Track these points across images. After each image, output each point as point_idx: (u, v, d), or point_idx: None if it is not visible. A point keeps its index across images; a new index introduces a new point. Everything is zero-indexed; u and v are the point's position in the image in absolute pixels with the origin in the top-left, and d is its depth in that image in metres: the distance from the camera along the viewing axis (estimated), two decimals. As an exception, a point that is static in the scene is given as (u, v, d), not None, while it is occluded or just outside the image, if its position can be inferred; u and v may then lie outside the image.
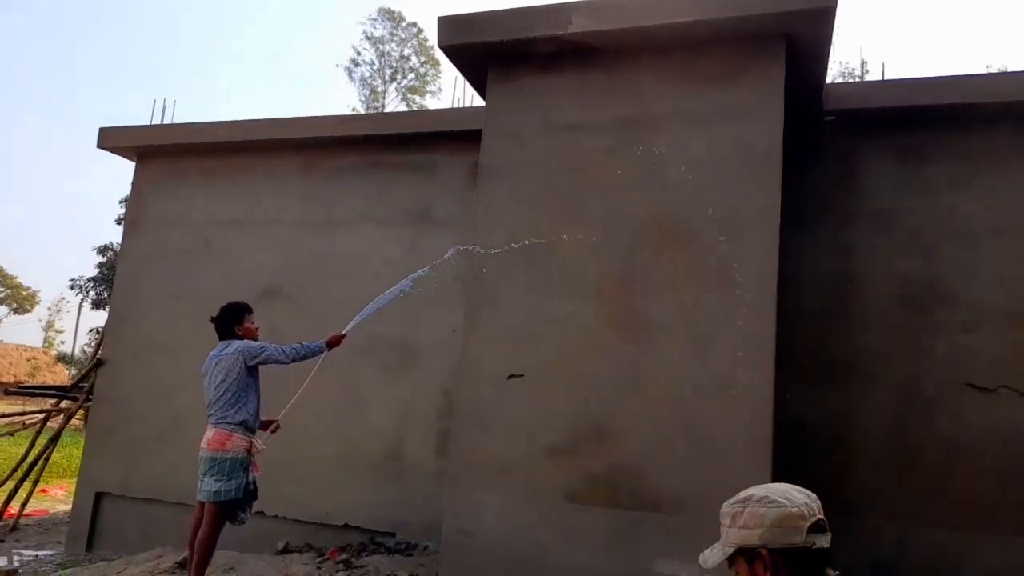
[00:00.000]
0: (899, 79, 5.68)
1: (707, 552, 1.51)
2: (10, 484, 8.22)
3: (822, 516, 1.46)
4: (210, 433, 4.54)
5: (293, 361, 4.61)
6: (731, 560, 1.47)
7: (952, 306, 5.25)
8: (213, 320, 4.75)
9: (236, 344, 4.58)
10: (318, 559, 5.64)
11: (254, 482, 4.52)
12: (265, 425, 4.78)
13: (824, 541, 1.44)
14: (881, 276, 5.43)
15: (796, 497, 1.45)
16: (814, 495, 1.48)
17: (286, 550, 6.08)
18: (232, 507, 4.49)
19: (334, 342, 4.92)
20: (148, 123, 8.20)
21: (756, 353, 4.45)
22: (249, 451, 4.50)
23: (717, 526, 1.56)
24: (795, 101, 4.98)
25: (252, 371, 4.62)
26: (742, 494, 1.49)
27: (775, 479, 4.40)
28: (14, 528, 8.26)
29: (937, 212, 5.39)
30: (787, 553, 1.41)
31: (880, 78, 5.96)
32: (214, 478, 4.42)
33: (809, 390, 5.41)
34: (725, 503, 1.51)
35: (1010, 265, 5.21)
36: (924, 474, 5.13)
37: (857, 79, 19.47)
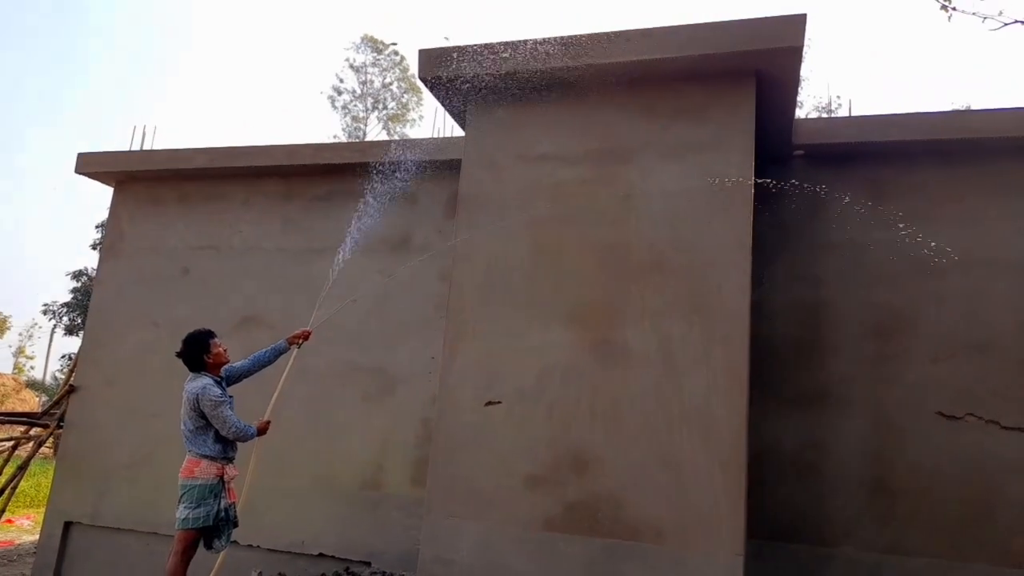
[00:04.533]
0: (865, 116, 5.87)
1: None
2: (-24, 514, 8.02)
3: None
4: (184, 461, 4.51)
5: (235, 439, 4.58)
6: None
7: (919, 336, 5.39)
8: (179, 355, 4.66)
9: (198, 383, 4.50)
10: (292, 590, 5.57)
11: (227, 509, 4.47)
12: (261, 429, 4.74)
13: None
14: (851, 306, 5.55)
15: None
16: None
17: (260, 581, 6.01)
18: (206, 535, 4.44)
19: (294, 340, 5.01)
20: (128, 149, 8.19)
21: (730, 382, 4.53)
22: (221, 478, 4.46)
23: (692, 552, 1.60)
24: (765, 135, 5.13)
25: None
26: None
27: (749, 509, 4.46)
28: (-22, 560, 8.06)
29: (903, 244, 5.54)
30: None
31: (848, 114, 6.15)
32: (183, 504, 4.38)
33: (782, 418, 5.49)
34: None
35: (974, 296, 5.36)
36: (897, 502, 5.22)
37: (826, 115, 19.97)
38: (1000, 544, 5.00)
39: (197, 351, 4.60)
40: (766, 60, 4.77)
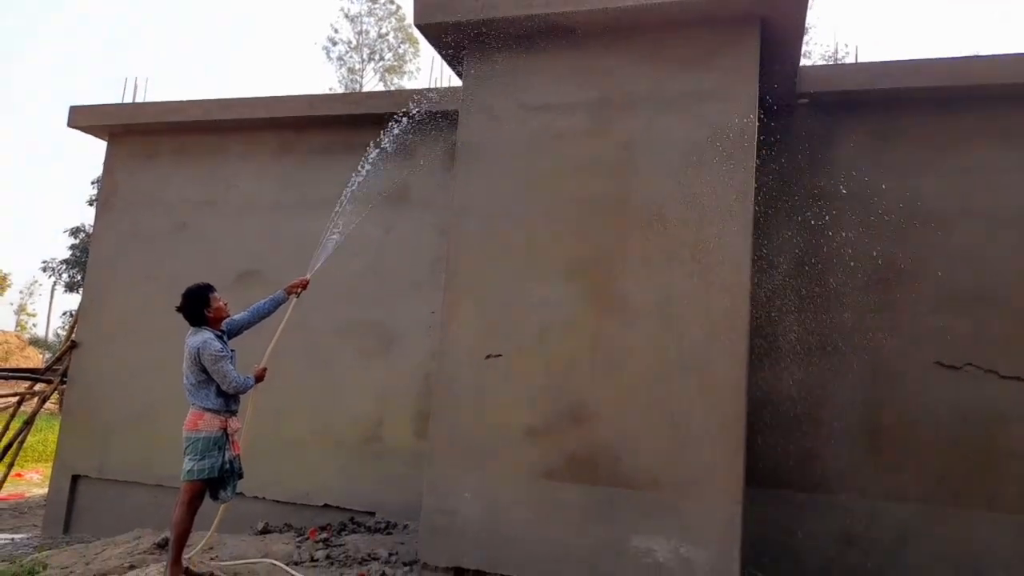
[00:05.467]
0: (871, 62, 5.74)
1: None
2: (-16, 468, 8.14)
3: None
4: (187, 414, 4.54)
5: (235, 393, 4.58)
6: None
7: (921, 286, 5.38)
8: (179, 310, 4.64)
9: (198, 337, 4.49)
10: (298, 538, 5.68)
11: (232, 461, 4.52)
12: (258, 376, 4.77)
13: None
14: (853, 256, 5.53)
15: None
16: None
17: (266, 530, 6.12)
18: (212, 486, 4.50)
19: (292, 289, 5.02)
20: (120, 102, 8.05)
21: (729, 333, 4.53)
22: (225, 430, 4.50)
23: (691, 501, 1.61)
24: (769, 83, 5.02)
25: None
26: None
27: (748, 457, 4.50)
28: (-11, 512, 8.21)
29: (908, 193, 5.49)
30: None
31: (854, 61, 6.02)
32: (188, 457, 4.43)
33: (783, 368, 5.52)
34: None
35: (977, 246, 5.33)
36: (894, 450, 5.28)
37: (831, 62, 19.59)
38: (996, 491, 5.08)
39: (197, 305, 4.58)
40: (771, 6, 4.64)
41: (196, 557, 4.85)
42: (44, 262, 20.94)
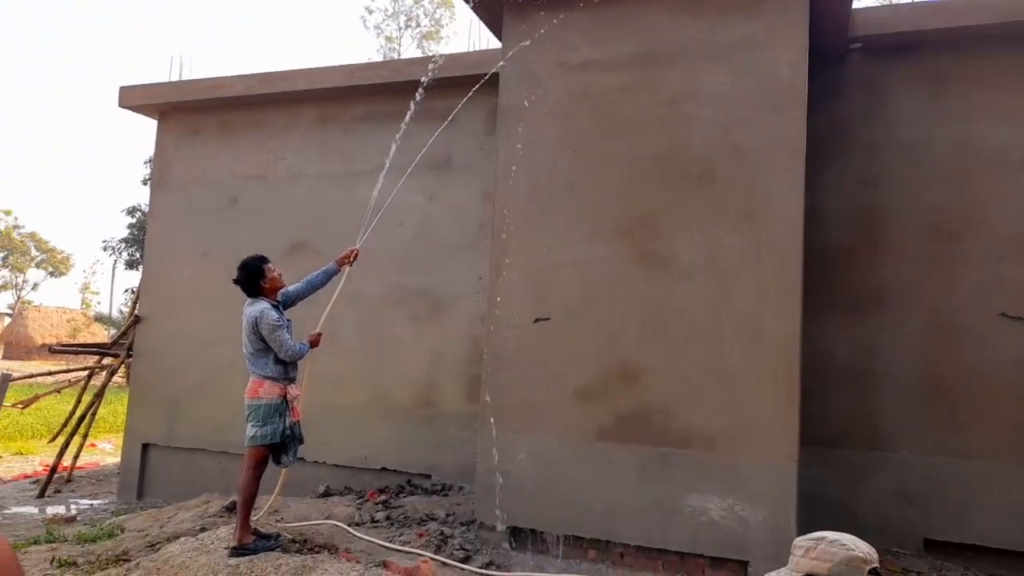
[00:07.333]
0: (926, 1, 5.46)
1: (773, 573, 1.86)
2: (61, 439, 8.57)
3: (878, 564, 1.79)
4: (248, 382, 4.68)
5: (291, 360, 4.66)
6: None
7: (983, 235, 5.17)
8: (236, 282, 4.76)
9: (256, 308, 4.60)
10: (358, 500, 5.86)
11: (292, 427, 4.66)
12: (313, 342, 4.88)
13: None
14: (910, 207, 5.34)
15: (861, 545, 1.79)
16: (873, 549, 1.80)
17: (327, 493, 6.32)
18: (274, 451, 4.65)
19: (344, 261, 5.05)
20: (167, 80, 8.20)
21: (782, 290, 4.44)
22: (284, 397, 4.63)
23: (745, 459, 1.62)
24: (819, 29, 4.83)
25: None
26: (816, 533, 1.84)
27: (802, 416, 4.44)
28: (69, 480, 8.66)
29: (966, 139, 5.25)
30: None
31: (909, 0, 5.73)
32: (250, 423, 4.57)
33: (837, 325, 5.40)
34: (798, 538, 1.86)
35: (1044, 190, 5.08)
36: (954, 406, 5.14)
37: (885, 3, 18.70)
38: (1063, 444, 4.91)
39: (253, 277, 4.70)
40: (821, -55, 4.45)
41: (263, 519, 5.04)
42: (104, 241, 21.73)
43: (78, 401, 8.81)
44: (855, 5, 5.30)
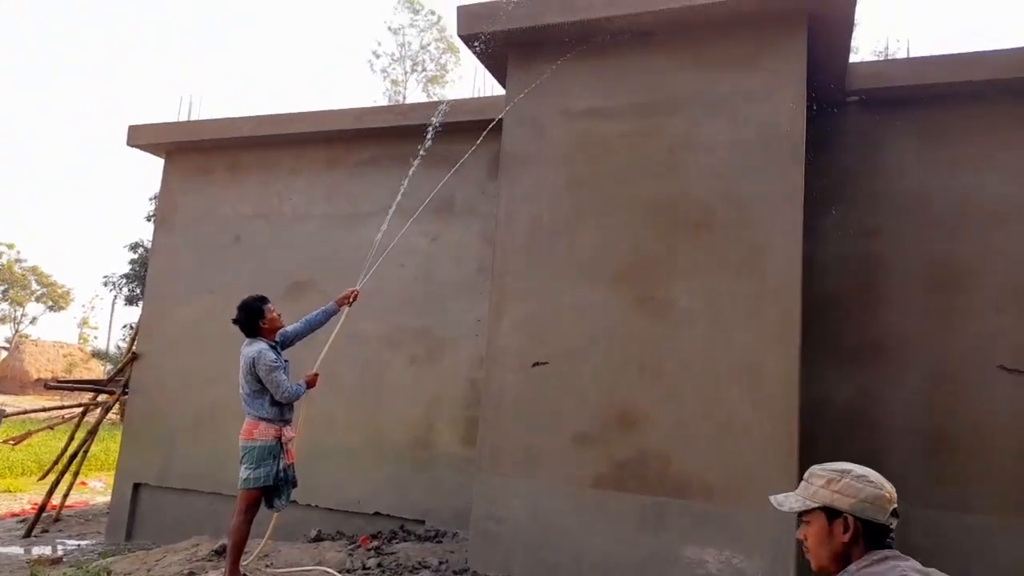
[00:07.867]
0: (922, 56, 5.58)
1: (782, 496, 1.77)
2: (51, 477, 8.46)
3: (897, 505, 1.73)
4: (243, 423, 4.64)
5: (287, 402, 4.65)
6: (806, 511, 1.74)
7: (980, 287, 5.18)
8: (235, 322, 4.75)
9: (254, 348, 4.59)
10: (350, 546, 5.75)
11: (286, 469, 4.60)
12: (309, 382, 4.84)
13: (895, 524, 1.71)
14: (908, 258, 5.37)
15: (886, 484, 1.72)
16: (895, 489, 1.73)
17: (319, 538, 6.21)
18: (267, 494, 4.59)
19: (343, 302, 5.05)
20: (175, 119, 8.33)
21: (781, 338, 4.44)
22: (279, 439, 4.59)
23: (743, 509, 1.60)
24: (817, 81, 4.93)
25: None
26: (839, 464, 1.73)
27: (801, 464, 4.39)
28: (57, 519, 8.51)
29: (963, 192, 5.31)
30: (868, 524, 1.68)
31: (905, 56, 5.85)
32: (244, 465, 4.52)
33: (836, 373, 5.37)
34: (817, 466, 1.76)
35: (1042, 244, 5.11)
36: (955, 458, 5.08)
37: (882, 58, 19.09)
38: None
39: (253, 317, 4.70)
40: (818, 1, 4.56)
41: (252, 564, 4.94)
42: (105, 277, 21.74)
43: (71, 438, 8.71)
44: (852, 59, 5.42)
